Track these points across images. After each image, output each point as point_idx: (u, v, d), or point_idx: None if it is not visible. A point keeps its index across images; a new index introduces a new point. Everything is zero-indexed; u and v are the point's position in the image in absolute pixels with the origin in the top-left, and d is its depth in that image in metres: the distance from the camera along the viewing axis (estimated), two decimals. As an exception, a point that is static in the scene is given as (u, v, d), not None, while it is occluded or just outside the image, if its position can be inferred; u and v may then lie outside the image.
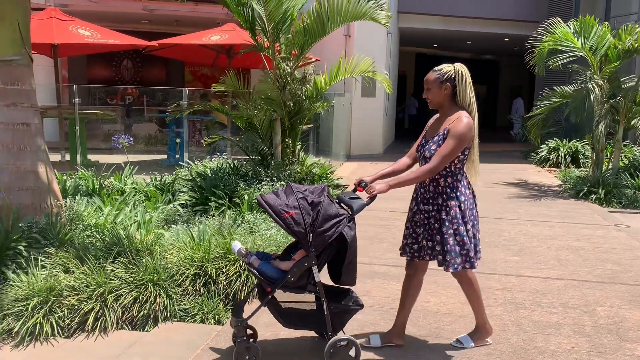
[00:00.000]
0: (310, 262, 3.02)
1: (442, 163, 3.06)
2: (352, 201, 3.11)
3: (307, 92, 6.93)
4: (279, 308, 3.28)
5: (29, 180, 4.56)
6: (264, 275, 3.10)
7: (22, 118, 4.58)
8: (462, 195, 3.14)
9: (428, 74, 3.24)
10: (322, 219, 2.95)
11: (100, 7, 13.18)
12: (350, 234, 3.03)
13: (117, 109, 14.67)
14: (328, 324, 3.11)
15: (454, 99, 3.17)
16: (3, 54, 4.48)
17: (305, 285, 3.10)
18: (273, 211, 2.96)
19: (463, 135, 3.04)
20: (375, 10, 6.47)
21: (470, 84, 3.17)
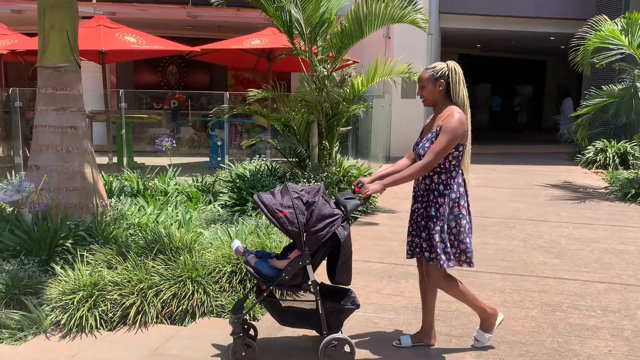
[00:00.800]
0: (304, 261, 3.07)
1: (435, 159, 3.07)
2: (346, 201, 3.15)
3: (344, 94, 6.98)
4: (277, 306, 3.34)
5: (76, 181, 4.79)
6: (260, 273, 3.17)
7: (71, 122, 4.81)
8: (453, 192, 3.14)
9: (422, 72, 3.26)
10: (316, 219, 3.00)
11: (146, 14, 13.63)
12: (344, 233, 3.07)
13: (162, 113, 15.11)
14: (323, 323, 3.14)
15: (447, 96, 3.18)
16: (53, 61, 4.73)
17: (301, 284, 3.15)
18: (267, 210, 3.03)
19: (455, 130, 3.05)
20: (414, 13, 6.45)
21: (464, 81, 3.19)
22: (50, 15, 4.70)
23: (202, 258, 4.20)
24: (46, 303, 3.71)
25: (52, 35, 4.70)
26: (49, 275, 3.96)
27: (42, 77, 4.76)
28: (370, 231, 6.19)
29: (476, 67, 24.27)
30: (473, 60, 23.85)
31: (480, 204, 7.74)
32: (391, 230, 6.22)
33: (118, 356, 3.35)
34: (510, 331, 3.62)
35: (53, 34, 4.70)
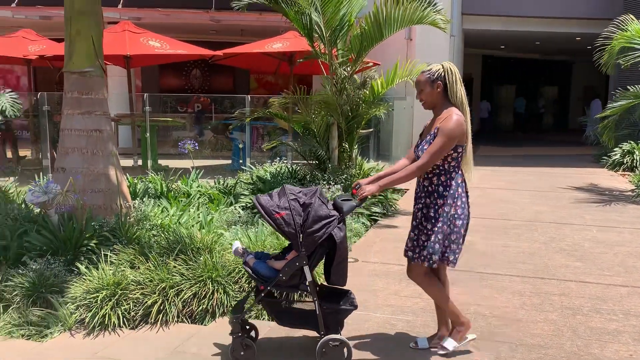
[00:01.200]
0: (301, 261, 3.11)
1: (431, 160, 3.07)
2: (343, 203, 3.18)
3: (364, 97, 7.00)
4: (275, 307, 3.38)
5: (101, 183, 4.91)
6: (258, 274, 3.22)
7: (95, 125, 4.94)
8: (455, 193, 3.13)
9: (418, 75, 3.26)
10: (312, 220, 3.03)
11: (170, 19, 13.84)
12: (340, 235, 3.09)
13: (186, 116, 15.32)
14: (320, 323, 3.17)
15: (446, 97, 3.18)
16: (79, 66, 4.86)
17: (298, 284, 3.19)
18: (265, 212, 3.08)
19: (452, 132, 3.05)
20: (433, 14, 6.45)
21: (460, 80, 3.17)
22: (76, 22, 4.83)
23: (222, 259, 4.27)
24: (71, 301, 3.82)
25: (78, 41, 4.84)
26: (74, 274, 4.06)
27: (68, 81, 4.90)
28: (389, 233, 6.19)
29: (500, 68, 24.03)
30: (497, 62, 23.63)
31: (502, 206, 7.67)
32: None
33: (140, 354, 3.43)
34: (528, 334, 3.60)
35: (79, 40, 4.83)
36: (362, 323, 3.79)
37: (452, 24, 13.27)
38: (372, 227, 6.41)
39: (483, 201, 7.99)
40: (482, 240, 5.90)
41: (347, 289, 3.42)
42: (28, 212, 4.81)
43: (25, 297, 3.85)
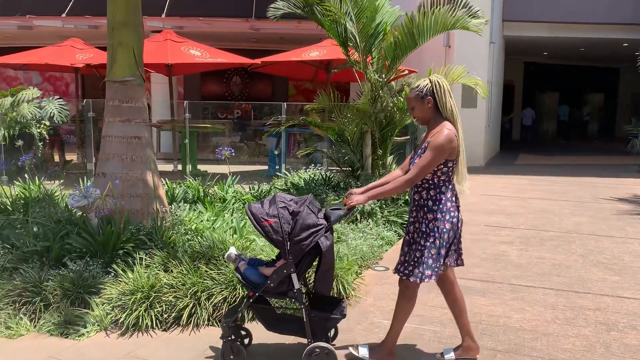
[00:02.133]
0: (289, 269, 3.15)
1: (419, 174, 3.08)
2: (331, 212, 3.20)
3: (398, 104, 7.00)
4: (264, 312, 3.42)
5: (138, 188, 5.08)
6: (247, 280, 3.28)
7: (135, 132, 5.12)
8: (444, 207, 3.12)
9: (408, 93, 3.27)
10: (300, 228, 3.07)
11: (212, 28, 14.18)
12: (326, 243, 3.11)
13: (226, 123, 15.62)
14: (307, 331, 3.20)
15: (438, 112, 3.18)
16: (120, 75, 5.06)
17: (286, 291, 3.22)
18: (254, 219, 3.13)
19: (441, 146, 3.05)
20: (466, 19, 6.40)
21: (450, 93, 3.17)
22: (119, 32, 5.03)
23: (252, 264, 4.34)
24: (107, 302, 3.97)
25: (120, 51, 5.03)
26: (110, 276, 4.22)
27: (110, 90, 5.10)
28: (422, 242, 6.14)
29: (543, 75, 23.51)
30: (539, 69, 23.14)
31: (540, 216, 7.51)
32: (444, 242, 6.14)
33: (171, 355, 3.54)
34: (559, 349, 3.52)
35: (120, 50, 5.03)
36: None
37: (492, 31, 13.13)
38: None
39: (520, 211, 7.84)
40: (516, 251, 5.80)
41: (340, 298, 3.48)
42: (70, 215, 5.02)
43: (65, 297, 4.02)
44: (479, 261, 5.45)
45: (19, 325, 3.90)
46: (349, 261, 4.67)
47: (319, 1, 6.47)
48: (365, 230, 5.84)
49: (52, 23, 14.07)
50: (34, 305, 4.03)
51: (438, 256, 3.14)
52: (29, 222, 4.81)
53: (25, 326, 3.90)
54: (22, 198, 6.25)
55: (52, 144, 10.76)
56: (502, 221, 7.23)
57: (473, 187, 9.97)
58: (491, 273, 5.06)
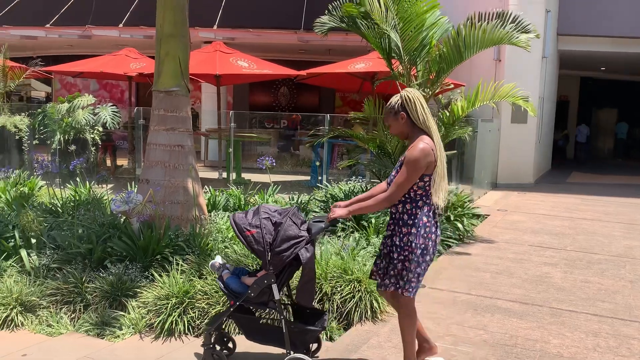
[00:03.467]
0: (269, 279, 3.17)
1: (398, 191, 3.07)
2: (313, 224, 3.21)
3: (444, 118, 6.89)
4: (245, 322, 3.44)
5: (179, 195, 5.20)
6: (229, 289, 3.31)
7: (178, 141, 5.25)
8: (419, 222, 3.07)
9: (384, 112, 3.29)
10: (281, 239, 3.09)
11: (262, 39, 14.45)
12: (306, 255, 3.11)
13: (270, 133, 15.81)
14: (287, 342, 3.21)
15: (414, 125, 3.15)
16: (166, 85, 5.21)
17: (267, 302, 3.24)
18: (237, 229, 3.16)
19: (417, 161, 3.02)
20: (514, 34, 6.25)
21: (422, 105, 3.15)
22: (166, 44, 5.19)
23: (285, 275, 4.36)
24: (143, 306, 4.06)
25: (167, 62, 5.19)
26: (147, 280, 4.32)
27: (156, 99, 5.26)
28: (462, 260, 6.02)
29: (600, 91, 22.66)
30: (596, 84, 22.31)
31: (589, 238, 7.21)
32: (485, 261, 6.00)
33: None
34: (599, 379, 3.36)
35: (167, 60, 5.19)
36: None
37: (545, 45, 12.77)
38: (444, 253, 6.26)
39: (568, 232, 7.55)
40: (560, 273, 5.58)
41: (323, 310, 3.50)
42: (114, 218, 5.19)
43: (104, 299, 4.15)
44: (520, 282, 5.28)
45: (59, 323, 4.05)
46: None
47: (363, 14, 6.47)
48: (403, 246, 5.76)
49: (110, 33, 14.69)
50: (74, 305, 4.18)
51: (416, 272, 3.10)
52: (74, 225, 4.99)
53: (65, 325, 4.05)
54: (72, 201, 6.51)
55: (105, 149, 11.18)
56: (547, 241, 6.99)
57: (519, 205, 9.76)
58: (532, 295, 4.89)
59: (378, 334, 4.00)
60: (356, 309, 4.19)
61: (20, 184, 7.60)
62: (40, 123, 9.76)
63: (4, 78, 10.35)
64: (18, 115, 10.16)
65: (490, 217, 8.55)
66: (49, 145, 9.62)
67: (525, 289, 5.07)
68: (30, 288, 4.23)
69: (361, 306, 4.21)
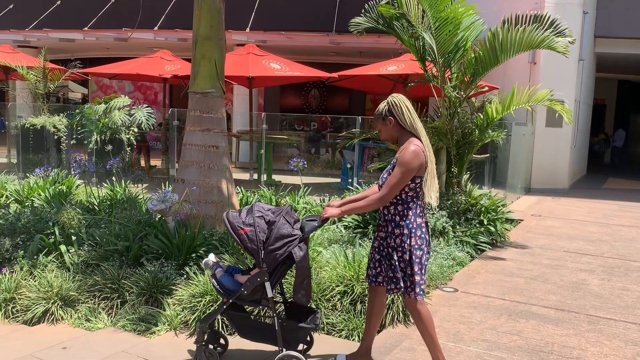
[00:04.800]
0: (262, 277, 3.20)
1: (390, 192, 3.12)
2: (306, 223, 3.25)
3: (478, 122, 6.82)
4: (238, 320, 3.47)
5: (214, 195, 5.28)
6: (222, 286, 3.33)
7: (213, 141, 5.33)
8: (411, 223, 3.14)
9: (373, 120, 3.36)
10: (275, 238, 3.12)
11: (294, 42, 14.53)
12: (299, 254, 3.14)
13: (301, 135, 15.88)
14: (279, 339, 3.24)
15: (403, 129, 3.23)
16: (202, 87, 5.29)
17: (260, 299, 3.27)
18: (231, 227, 3.19)
19: (408, 163, 3.08)
20: (553, 38, 6.15)
21: (408, 108, 3.21)
22: (202, 46, 5.27)
23: (317, 276, 4.37)
24: (178, 303, 4.13)
25: (202, 64, 5.27)
26: (182, 278, 4.39)
27: (192, 101, 5.35)
28: (495, 265, 5.93)
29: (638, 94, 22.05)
30: (634, 87, 21.73)
31: (627, 245, 7.03)
32: (519, 267, 5.90)
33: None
34: (639, 389, 3.27)
35: (203, 63, 5.27)
36: (454, 356, 3.68)
37: (582, 48, 12.51)
38: (477, 257, 6.18)
39: (605, 238, 7.38)
40: (597, 280, 5.46)
41: (315, 309, 3.54)
42: (149, 217, 5.29)
43: (140, 295, 4.23)
44: (555, 288, 5.18)
45: (97, 318, 4.15)
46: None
47: (399, 16, 6.46)
48: (436, 250, 5.72)
49: (145, 35, 14.97)
50: (111, 300, 4.28)
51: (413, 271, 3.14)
52: (112, 223, 5.11)
53: (102, 320, 4.15)
54: (108, 199, 6.66)
55: (139, 149, 11.40)
56: (583, 248, 6.83)
57: (554, 211, 9.57)
58: (567, 302, 4.79)
59: (410, 337, 3.97)
60: (388, 311, 4.18)
61: (59, 182, 7.80)
62: (78, 123, 10.04)
63: (44, 79, 10.65)
64: (57, 115, 10.46)
65: (524, 222, 8.41)
66: (85, 145, 9.87)
67: (561, 295, 4.97)
68: (69, 283, 4.34)
69: (393, 309, 4.19)
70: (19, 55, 12.18)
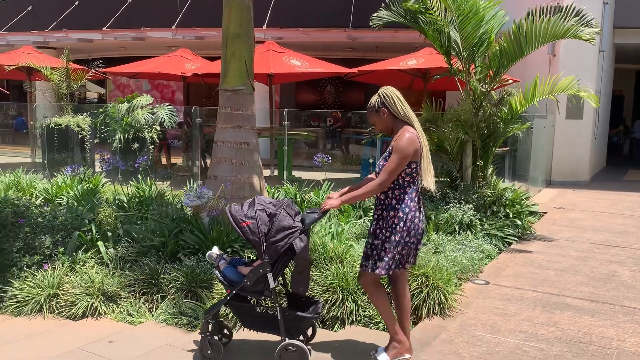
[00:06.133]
0: (265, 269, 3.27)
1: (389, 178, 3.25)
2: (306, 215, 3.34)
3: (502, 114, 6.82)
4: (241, 310, 3.54)
5: (245, 191, 5.35)
6: (226, 278, 3.42)
7: (244, 138, 5.40)
8: (406, 207, 3.26)
9: (366, 114, 3.46)
10: (276, 230, 3.20)
11: (309, 38, 14.54)
12: (300, 245, 3.22)
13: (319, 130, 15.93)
14: (281, 329, 3.32)
15: (396, 119, 3.34)
16: (232, 84, 5.36)
17: (263, 290, 3.34)
18: (233, 220, 3.28)
19: (405, 149, 3.21)
20: (578, 27, 6.13)
21: (399, 98, 3.33)
22: (232, 44, 5.34)
23: (352, 269, 4.43)
24: (217, 297, 4.21)
25: (233, 61, 5.33)
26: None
27: (222, 98, 5.42)
28: (523, 258, 5.95)
29: (657, 85, 21.76)
30: (653, 78, 21.46)
31: (655, 237, 7.00)
32: (547, 259, 5.91)
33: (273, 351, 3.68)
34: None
35: (233, 60, 5.33)
36: (493, 347, 3.72)
37: (602, 39, 12.40)
38: (505, 251, 6.20)
39: (632, 230, 7.35)
40: (628, 271, 5.46)
41: (317, 300, 3.63)
42: (183, 213, 5.38)
43: (179, 290, 4.31)
44: (587, 280, 5.19)
45: (138, 313, 4.24)
46: (448, 272, 4.61)
47: (423, 10, 6.47)
48: (464, 243, 5.74)
49: (163, 34, 15.08)
50: (151, 295, 4.36)
51: (393, 253, 3.27)
52: (148, 219, 5.20)
53: (144, 314, 4.23)
54: (137, 197, 6.76)
55: (160, 147, 11.51)
56: (610, 239, 6.82)
57: (576, 203, 9.54)
58: (601, 293, 4.80)
59: (447, 328, 4.02)
60: (424, 304, 4.22)
61: (85, 181, 7.92)
62: (101, 122, 10.16)
63: (67, 79, 10.79)
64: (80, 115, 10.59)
65: (547, 215, 8.40)
66: (109, 144, 9.99)
67: (593, 287, 4.98)
68: (109, 279, 4.44)
69: (429, 301, 4.23)
70: (41, 56, 12.34)
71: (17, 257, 4.58)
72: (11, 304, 4.30)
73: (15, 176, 8.00)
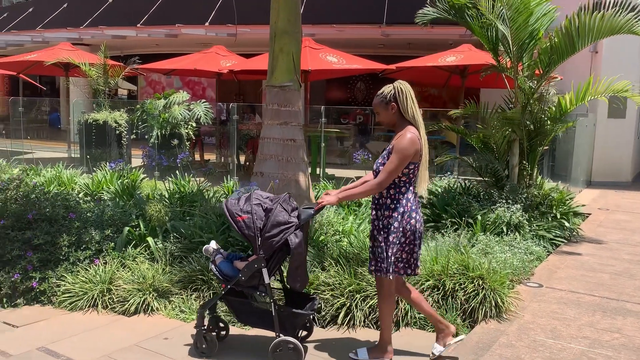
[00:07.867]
0: (260, 264, 3.24)
1: (388, 178, 3.20)
2: (303, 211, 3.31)
3: (550, 113, 6.64)
4: (237, 305, 3.52)
5: (291, 188, 5.30)
6: (221, 272, 3.40)
7: (291, 135, 5.34)
8: (401, 207, 3.22)
9: (373, 100, 3.37)
10: (271, 225, 3.17)
11: (343, 35, 14.44)
12: (295, 241, 3.18)
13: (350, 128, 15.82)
14: (275, 324, 3.29)
15: (402, 116, 3.28)
16: (280, 80, 5.31)
17: (257, 285, 3.32)
18: (229, 214, 3.25)
19: (405, 150, 3.16)
20: (634, 22, 5.91)
21: (412, 98, 3.26)
22: (280, 39, 5.28)
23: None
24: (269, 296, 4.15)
25: (281, 57, 5.28)
26: (270, 270, 4.41)
27: (270, 94, 5.37)
28: (574, 260, 5.78)
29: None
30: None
31: None
32: (599, 262, 5.73)
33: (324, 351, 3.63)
34: None
35: (281, 56, 5.28)
36: (556, 352, 3.59)
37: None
38: (553, 252, 6.03)
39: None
40: (687, 277, 5.25)
41: (314, 296, 3.60)
42: (229, 210, 5.33)
43: (229, 287, 4.27)
44: (645, 284, 5.01)
45: (190, 309, 4.21)
46: (501, 275, 4.49)
47: (471, 5, 6.33)
48: (513, 244, 5.59)
49: (197, 31, 15.15)
50: (202, 291, 4.34)
51: (391, 254, 3.22)
52: (193, 215, 5.18)
53: (195, 310, 4.20)
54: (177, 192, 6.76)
55: (194, 143, 11.56)
56: (664, 243, 6.60)
57: (620, 204, 9.29)
58: (631, 291, 4.63)
59: (506, 332, 3.90)
60: (480, 307, 4.11)
61: (123, 176, 7.96)
62: (139, 118, 10.23)
63: (104, 75, 10.89)
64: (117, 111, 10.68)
65: (592, 216, 8.18)
66: (147, 140, 10.05)
67: (653, 291, 4.81)
68: (160, 275, 4.42)
69: (485, 304, 4.12)
70: (79, 52, 12.49)
71: (69, 251, 4.60)
72: (65, 298, 4.32)
73: (57, 171, 8.10)
